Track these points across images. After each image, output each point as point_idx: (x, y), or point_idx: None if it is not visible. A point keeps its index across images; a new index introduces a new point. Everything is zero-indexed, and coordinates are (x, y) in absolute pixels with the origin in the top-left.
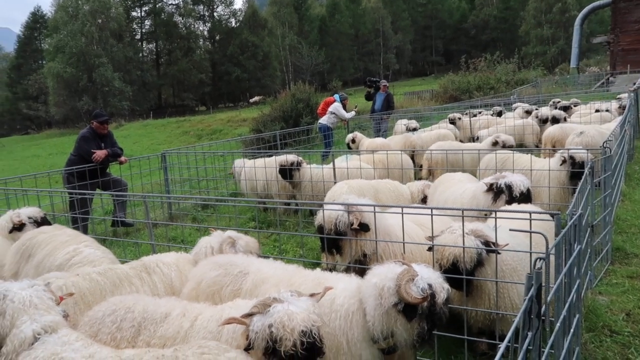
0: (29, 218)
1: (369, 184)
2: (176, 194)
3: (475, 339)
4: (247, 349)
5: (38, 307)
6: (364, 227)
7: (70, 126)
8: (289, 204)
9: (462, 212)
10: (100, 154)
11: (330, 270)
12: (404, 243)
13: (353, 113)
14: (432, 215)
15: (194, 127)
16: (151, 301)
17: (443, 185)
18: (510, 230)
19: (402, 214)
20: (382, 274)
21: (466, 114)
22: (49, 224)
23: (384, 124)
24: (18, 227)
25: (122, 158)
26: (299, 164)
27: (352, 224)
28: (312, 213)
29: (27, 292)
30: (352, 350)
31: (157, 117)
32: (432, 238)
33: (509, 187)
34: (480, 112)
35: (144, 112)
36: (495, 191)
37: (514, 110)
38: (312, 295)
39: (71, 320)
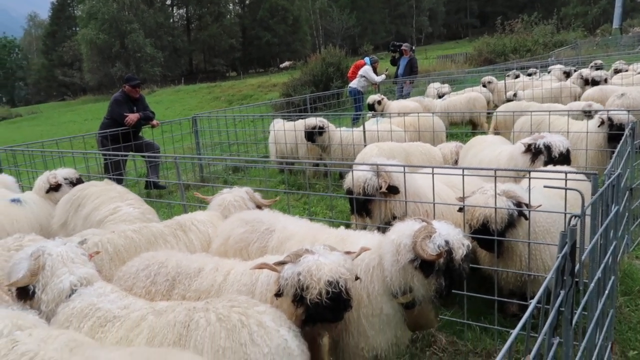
0: (65, 179)
1: (400, 147)
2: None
3: (505, 299)
4: (278, 295)
5: (74, 261)
6: (392, 190)
7: (104, 92)
8: (317, 166)
9: (495, 172)
10: (132, 117)
11: None
12: (434, 204)
13: (383, 76)
14: (463, 176)
15: (225, 93)
16: (183, 257)
17: (475, 148)
18: (544, 186)
19: (433, 175)
20: (400, 231)
21: (508, 75)
22: None
23: (407, 89)
24: (54, 188)
25: (154, 121)
26: (322, 127)
27: (380, 187)
28: (342, 176)
29: (62, 248)
30: (372, 303)
31: (188, 83)
32: (462, 199)
33: (548, 148)
34: (517, 76)
35: (176, 78)
36: (534, 152)
37: (551, 72)
38: (347, 252)
39: (106, 276)
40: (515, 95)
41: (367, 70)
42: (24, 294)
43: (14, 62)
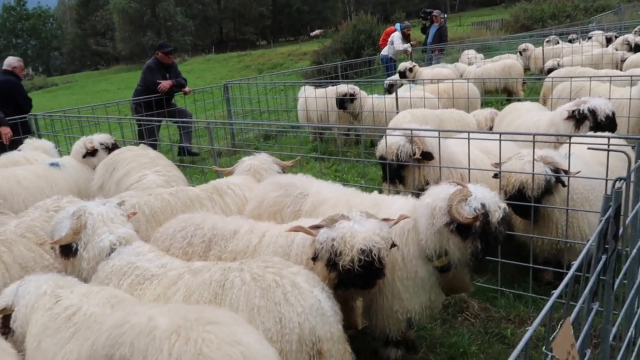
0: (101, 144)
1: (434, 113)
2: (238, 124)
3: (540, 267)
4: (313, 259)
5: (114, 220)
6: (426, 156)
7: (136, 62)
8: (349, 134)
9: (533, 137)
10: (165, 84)
11: None
12: (469, 169)
13: (407, 45)
14: (500, 141)
15: (255, 62)
16: (218, 219)
17: (511, 115)
18: (588, 148)
19: (469, 140)
20: (435, 194)
21: (548, 41)
22: None
23: (436, 57)
24: (91, 153)
25: (187, 89)
26: (353, 94)
27: (414, 154)
28: (373, 144)
29: (102, 208)
30: (407, 266)
31: (219, 52)
32: (498, 165)
33: (593, 112)
34: (557, 42)
35: (206, 47)
36: (578, 118)
37: (591, 38)
38: (385, 219)
39: (143, 237)
40: (559, 64)
41: (395, 36)
42: (67, 251)
43: (48, 31)
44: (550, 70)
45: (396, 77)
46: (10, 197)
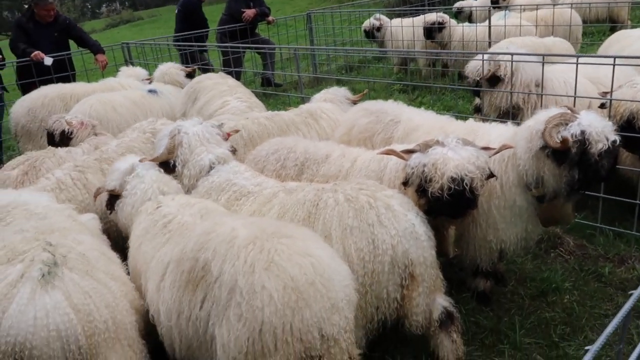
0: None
1: (541, 42)
2: (321, 56)
3: None
4: (404, 183)
5: (210, 141)
6: (492, 81)
7: None
8: (435, 65)
9: None
10: (249, 12)
11: None
12: (574, 97)
13: None
14: (614, 65)
15: None
16: (310, 143)
17: (619, 44)
18: None
19: (577, 66)
20: (539, 117)
21: None
22: None
23: None
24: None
25: (270, 18)
26: (442, 22)
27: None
28: (461, 77)
29: (198, 127)
30: (505, 194)
31: None
32: (608, 93)
33: None
34: None
35: None
36: None
37: None
38: (485, 148)
39: (240, 160)
40: None
41: None
42: (167, 168)
43: None
44: None
45: (472, 1)
46: (105, 122)
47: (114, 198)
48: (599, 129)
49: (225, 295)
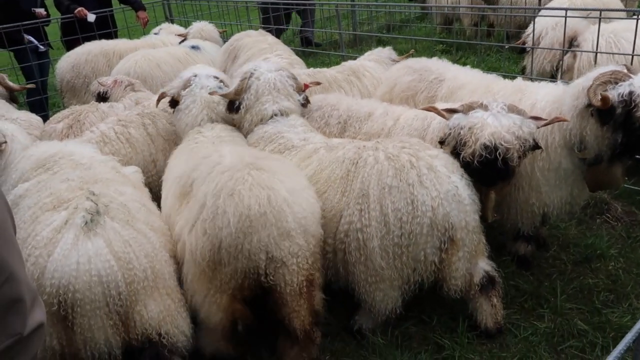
0: None
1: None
2: (362, 14)
3: None
4: (440, 142)
5: (280, 91)
6: None
7: None
8: (480, 25)
9: None
10: None
11: None
12: (632, 55)
13: None
14: None
15: None
16: (353, 101)
17: None
18: None
19: (637, 21)
20: (590, 74)
21: None
22: None
23: None
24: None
25: None
26: None
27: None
28: (508, 37)
29: (273, 74)
30: (550, 156)
31: None
32: None
33: None
34: None
35: None
36: None
37: None
38: (534, 117)
39: None
40: None
41: None
42: (231, 107)
43: None
44: None
45: None
46: (150, 79)
47: (174, 102)
48: None
49: (197, 209)
